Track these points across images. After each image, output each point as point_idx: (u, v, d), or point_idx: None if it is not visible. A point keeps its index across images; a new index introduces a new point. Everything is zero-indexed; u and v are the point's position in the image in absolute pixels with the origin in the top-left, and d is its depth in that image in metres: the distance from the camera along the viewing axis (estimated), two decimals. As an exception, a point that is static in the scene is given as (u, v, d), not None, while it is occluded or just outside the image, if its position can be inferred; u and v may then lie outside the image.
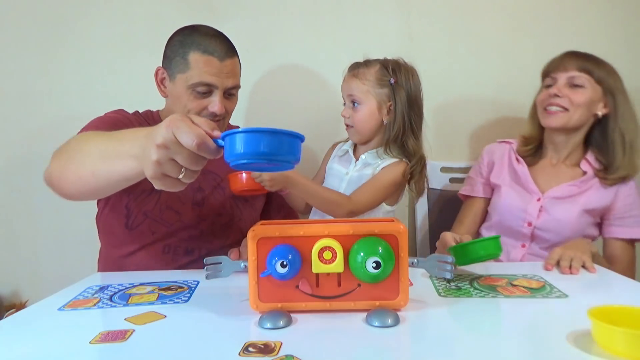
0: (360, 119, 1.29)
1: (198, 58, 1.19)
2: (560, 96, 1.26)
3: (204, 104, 1.22)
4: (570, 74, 1.26)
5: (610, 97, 1.27)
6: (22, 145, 1.76)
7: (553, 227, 1.28)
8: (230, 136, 0.69)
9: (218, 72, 1.21)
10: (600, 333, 0.68)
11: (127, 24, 1.71)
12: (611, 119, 1.28)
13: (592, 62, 1.27)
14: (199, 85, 1.20)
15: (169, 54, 1.23)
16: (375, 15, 1.71)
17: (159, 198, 1.23)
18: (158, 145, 0.69)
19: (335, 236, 0.81)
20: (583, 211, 1.28)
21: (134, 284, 1.06)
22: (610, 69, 1.29)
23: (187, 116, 0.72)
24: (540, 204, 1.30)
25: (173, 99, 1.25)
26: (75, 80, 1.74)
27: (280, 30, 1.72)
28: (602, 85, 1.26)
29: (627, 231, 1.29)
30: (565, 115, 1.26)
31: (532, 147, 1.38)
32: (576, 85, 1.25)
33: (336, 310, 0.84)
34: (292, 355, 0.68)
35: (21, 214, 1.77)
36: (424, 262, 0.89)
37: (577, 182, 1.30)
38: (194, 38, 1.21)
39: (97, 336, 0.77)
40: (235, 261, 0.88)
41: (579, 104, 1.25)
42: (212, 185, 1.29)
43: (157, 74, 1.27)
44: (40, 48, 1.73)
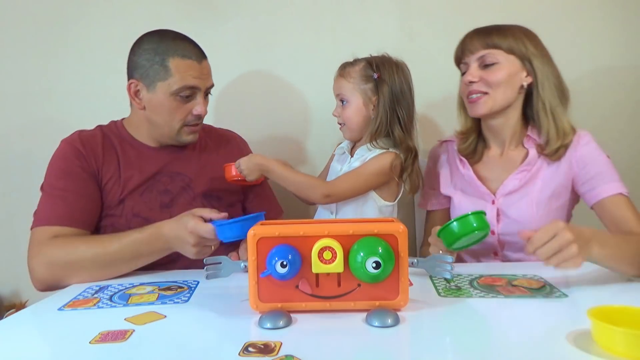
0: (348, 115, 1.31)
1: (179, 63, 1.18)
2: (476, 81, 1.16)
3: (188, 108, 1.22)
4: (478, 54, 1.16)
5: (528, 63, 1.16)
6: (22, 145, 1.76)
7: (514, 229, 1.16)
8: (219, 227, 0.99)
9: (199, 74, 1.21)
10: (600, 333, 0.68)
11: (127, 24, 1.71)
12: (534, 88, 1.17)
13: (497, 33, 1.16)
14: (184, 90, 1.19)
15: (143, 63, 1.19)
16: (375, 15, 1.71)
17: (122, 209, 1.22)
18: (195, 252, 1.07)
19: (335, 236, 0.81)
20: (542, 200, 1.18)
21: (134, 284, 1.06)
22: (519, 33, 1.17)
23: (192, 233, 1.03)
24: (497, 207, 1.21)
25: (153, 109, 1.22)
26: (75, 80, 1.74)
27: (280, 30, 1.72)
28: (516, 54, 1.15)
29: (600, 191, 1.14)
30: (487, 98, 1.16)
31: (472, 142, 1.27)
32: (488, 64, 1.15)
33: (336, 310, 0.84)
34: (292, 355, 0.68)
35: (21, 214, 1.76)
36: (424, 262, 0.89)
37: (523, 167, 1.19)
38: (167, 44, 1.19)
39: (97, 336, 0.77)
40: (235, 261, 0.89)
41: (497, 83, 1.14)
42: (179, 186, 1.27)
43: (129, 87, 1.23)
44: (40, 48, 1.73)
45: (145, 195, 1.24)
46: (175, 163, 1.29)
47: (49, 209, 1.16)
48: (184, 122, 1.24)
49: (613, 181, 1.14)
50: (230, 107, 1.74)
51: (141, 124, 1.27)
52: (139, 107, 1.23)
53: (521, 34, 1.17)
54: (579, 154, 1.17)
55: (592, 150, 1.17)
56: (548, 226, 0.86)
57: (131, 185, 1.23)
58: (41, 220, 1.15)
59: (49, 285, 1.11)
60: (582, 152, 1.17)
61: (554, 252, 0.84)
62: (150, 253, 1.12)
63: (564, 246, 0.84)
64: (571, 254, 0.83)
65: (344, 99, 1.31)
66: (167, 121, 1.23)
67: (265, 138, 1.72)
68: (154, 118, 1.24)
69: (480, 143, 1.28)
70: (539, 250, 0.85)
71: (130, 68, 1.23)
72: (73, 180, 1.19)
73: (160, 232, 1.10)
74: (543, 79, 1.16)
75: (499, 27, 1.19)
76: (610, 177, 1.15)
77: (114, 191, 1.22)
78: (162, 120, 1.23)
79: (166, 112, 1.22)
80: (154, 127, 1.26)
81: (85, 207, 1.18)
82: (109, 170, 1.23)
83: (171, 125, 1.23)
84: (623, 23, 1.67)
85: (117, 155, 1.25)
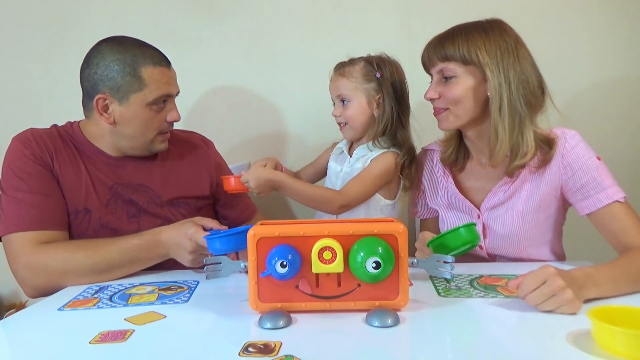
0: (351, 115, 1.30)
1: (152, 71, 1.14)
2: (436, 98, 1.10)
3: (163, 116, 1.19)
4: (437, 68, 1.08)
5: (485, 71, 1.04)
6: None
7: (502, 244, 1.14)
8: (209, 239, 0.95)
9: (171, 80, 1.19)
10: (600, 333, 0.68)
11: (127, 24, 1.71)
12: (490, 101, 1.06)
13: (451, 42, 1.06)
14: (161, 99, 1.16)
15: (112, 75, 1.13)
16: (375, 15, 1.71)
17: (89, 220, 1.17)
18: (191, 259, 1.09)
19: (335, 236, 0.81)
20: (528, 212, 1.11)
21: (133, 284, 1.06)
22: (477, 36, 1.05)
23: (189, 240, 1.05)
24: (482, 222, 1.16)
25: (126, 122, 1.16)
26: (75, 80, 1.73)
27: (280, 30, 1.72)
28: (473, 65, 1.05)
29: (594, 201, 1.05)
30: (449, 114, 1.09)
31: (452, 150, 1.20)
32: (447, 77, 1.07)
33: (336, 310, 0.84)
34: (292, 355, 0.68)
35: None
36: (424, 262, 0.89)
37: (505, 179, 1.12)
38: (134, 52, 1.14)
39: (97, 336, 0.77)
40: (235, 261, 0.89)
41: (455, 99, 1.06)
42: (144, 197, 1.24)
43: (97, 104, 1.15)
44: (40, 48, 1.73)
45: (111, 205, 1.20)
46: (137, 174, 1.24)
47: (18, 214, 1.10)
48: (159, 130, 1.21)
49: (606, 188, 1.05)
50: (230, 107, 1.75)
51: (104, 135, 1.21)
52: (108, 122, 1.17)
53: (479, 37, 1.06)
54: (566, 160, 1.07)
55: (581, 154, 1.07)
56: (537, 272, 0.83)
57: (94, 194, 1.18)
58: (13, 226, 1.09)
59: (43, 293, 1.09)
60: (570, 158, 1.07)
61: (545, 297, 0.81)
62: (148, 259, 1.12)
63: (557, 291, 0.80)
64: (567, 299, 0.80)
65: (344, 99, 1.30)
66: (142, 132, 1.19)
67: (265, 138, 1.72)
68: (125, 131, 1.18)
69: (463, 151, 1.21)
70: (529, 296, 0.82)
71: (94, 82, 1.15)
72: (35, 180, 1.13)
73: (158, 239, 1.10)
74: (494, 93, 1.04)
75: (453, 35, 1.08)
76: (602, 184, 1.05)
77: (76, 198, 1.17)
78: (135, 132, 1.18)
79: (141, 124, 1.17)
80: (123, 139, 1.20)
81: (54, 206, 1.13)
82: (67, 174, 1.17)
83: (145, 136, 1.19)
84: (623, 23, 1.67)
85: (76, 161, 1.20)
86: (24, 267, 1.08)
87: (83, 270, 1.07)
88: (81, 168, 1.19)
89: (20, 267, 1.09)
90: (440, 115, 1.12)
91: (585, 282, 0.85)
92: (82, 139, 1.23)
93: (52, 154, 1.17)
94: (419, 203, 1.35)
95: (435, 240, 0.97)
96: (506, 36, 1.07)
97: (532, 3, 1.68)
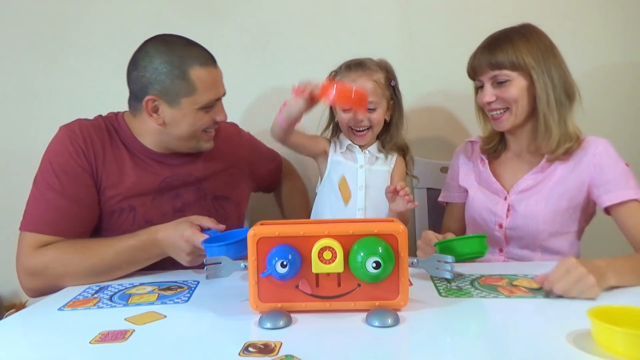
0: (378, 120, 1.33)
1: (200, 73, 1.13)
2: (493, 100, 1.19)
3: (211, 116, 1.19)
4: (488, 75, 1.19)
5: (531, 74, 1.17)
6: (22, 145, 1.76)
7: (522, 224, 1.21)
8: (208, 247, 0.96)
9: (219, 81, 1.18)
10: (600, 333, 0.68)
11: (127, 24, 1.71)
12: (537, 99, 1.18)
13: (499, 50, 1.17)
14: (211, 103, 1.16)
15: (161, 79, 1.11)
16: (375, 14, 1.70)
17: (134, 216, 1.17)
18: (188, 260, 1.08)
19: (335, 236, 0.81)
20: (552, 197, 1.19)
21: (134, 284, 1.06)
22: (519, 42, 1.17)
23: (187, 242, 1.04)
24: (508, 203, 1.24)
25: (175, 123, 1.16)
26: (75, 80, 1.74)
27: (280, 30, 1.72)
28: (522, 70, 1.17)
29: (614, 196, 1.14)
30: (509, 115, 1.20)
31: (495, 144, 1.31)
32: (501, 82, 1.18)
33: (336, 310, 0.84)
34: (292, 355, 0.68)
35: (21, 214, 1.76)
36: (424, 262, 0.89)
37: (539, 168, 1.22)
38: (180, 53, 1.12)
39: (97, 336, 0.77)
40: (235, 261, 0.89)
41: (513, 99, 1.17)
42: (190, 190, 1.25)
43: (147, 106, 1.14)
44: (40, 49, 1.73)
45: (157, 200, 1.20)
46: (183, 168, 1.25)
47: (40, 215, 1.11)
48: (205, 130, 1.21)
49: (629, 188, 1.14)
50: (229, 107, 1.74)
51: (150, 133, 1.20)
52: (157, 122, 1.16)
53: (522, 43, 1.17)
54: (597, 159, 1.17)
55: (611, 157, 1.18)
56: (559, 264, 0.91)
57: (140, 190, 1.19)
58: (30, 225, 1.11)
59: (41, 293, 1.10)
60: (601, 158, 1.17)
61: (571, 284, 0.88)
62: (146, 259, 1.11)
63: (580, 277, 0.87)
64: (589, 284, 0.87)
65: (371, 105, 1.30)
66: (190, 132, 1.18)
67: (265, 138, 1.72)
68: (174, 132, 1.18)
69: (502, 144, 1.32)
70: (557, 286, 0.88)
71: (143, 85, 1.13)
72: (69, 181, 1.12)
73: (155, 238, 1.08)
74: (542, 92, 1.16)
75: (498, 42, 1.19)
76: (626, 184, 1.14)
77: (119, 195, 1.17)
78: (183, 132, 1.18)
79: (190, 125, 1.17)
80: (171, 139, 1.20)
81: (78, 214, 1.13)
82: (112, 170, 1.17)
83: (193, 136, 1.19)
84: (622, 23, 1.67)
85: (122, 157, 1.20)
86: (22, 269, 1.10)
87: (81, 273, 1.07)
88: (127, 164, 1.19)
89: (19, 267, 1.10)
90: (502, 117, 1.21)
91: (607, 271, 0.91)
92: (128, 134, 1.22)
93: (98, 150, 1.17)
94: (451, 185, 1.42)
95: (444, 242, 1.02)
96: (543, 38, 1.20)
97: (532, 3, 1.68)
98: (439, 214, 1.58)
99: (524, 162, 1.27)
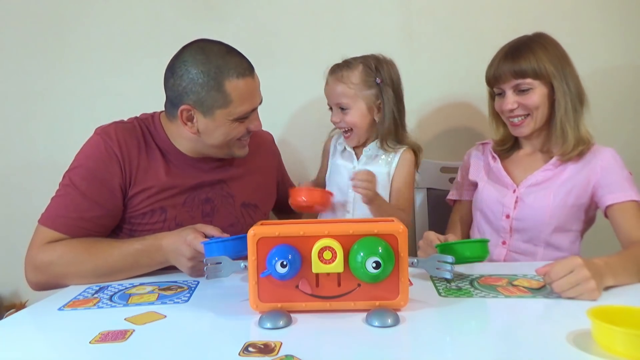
0: (352, 122, 1.29)
1: (236, 85, 1.11)
2: (515, 108, 1.23)
3: (246, 125, 1.18)
4: (511, 83, 1.22)
5: (552, 82, 1.22)
6: (22, 145, 1.76)
7: (529, 215, 1.25)
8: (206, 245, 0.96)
9: (255, 91, 1.17)
10: (600, 333, 0.68)
11: (127, 24, 1.71)
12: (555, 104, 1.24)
13: (522, 59, 1.21)
14: (247, 114, 1.15)
15: (196, 89, 1.10)
16: (375, 14, 1.70)
17: (165, 218, 1.18)
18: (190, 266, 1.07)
19: (335, 236, 0.81)
20: (560, 192, 1.23)
21: (134, 284, 1.06)
22: (540, 51, 1.22)
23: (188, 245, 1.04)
24: (516, 195, 1.28)
25: (209, 133, 1.16)
26: (75, 80, 1.74)
27: (280, 30, 1.72)
28: (543, 79, 1.21)
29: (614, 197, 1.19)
30: (530, 120, 1.24)
31: (508, 146, 1.36)
32: (523, 90, 1.22)
33: (336, 310, 0.84)
34: (292, 355, 0.68)
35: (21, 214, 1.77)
36: (424, 262, 0.89)
37: (549, 166, 1.27)
38: (218, 63, 1.11)
39: (97, 336, 0.77)
40: (235, 261, 0.89)
41: (535, 106, 1.22)
42: (220, 195, 1.26)
43: (181, 114, 1.14)
44: (40, 48, 1.73)
45: (188, 205, 1.21)
46: (215, 172, 1.26)
47: (61, 210, 1.12)
48: (239, 138, 1.20)
49: (630, 191, 1.18)
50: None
51: (185, 139, 1.20)
52: (192, 131, 1.16)
53: (542, 52, 1.21)
54: (604, 163, 1.22)
55: (617, 163, 1.23)
56: (565, 261, 0.90)
57: (172, 192, 1.19)
58: (49, 220, 1.11)
59: (43, 288, 1.11)
60: (608, 162, 1.22)
61: (571, 285, 0.88)
62: (149, 264, 1.11)
63: (582, 280, 0.88)
64: (590, 289, 0.87)
65: (343, 107, 1.29)
66: (224, 141, 1.18)
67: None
68: (208, 141, 1.17)
69: (515, 146, 1.36)
70: (556, 283, 0.89)
71: (179, 93, 1.13)
72: (96, 186, 1.13)
73: (159, 244, 1.09)
74: (560, 97, 1.22)
75: (520, 51, 1.22)
76: (629, 188, 1.19)
77: (151, 197, 1.17)
78: (217, 142, 1.17)
79: (224, 134, 1.16)
80: (204, 146, 1.20)
81: (96, 218, 1.13)
82: (147, 174, 1.18)
83: (227, 144, 1.19)
84: (622, 24, 1.67)
85: (157, 160, 1.20)
86: (29, 261, 1.10)
87: (84, 272, 1.08)
88: (161, 167, 1.19)
89: (27, 259, 1.11)
90: (522, 123, 1.25)
91: (605, 272, 0.92)
92: (163, 137, 1.22)
93: (133, 155, 1.17)
94: (460, 183, 1.44)
95: (445, 244, 1.03)
96: (559, 47, 1.25)
97: (532, 4, 1.68)
98: (439, 214, 1.58)
99: (535, 160, 1.31)
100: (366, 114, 1.29)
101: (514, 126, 1.27)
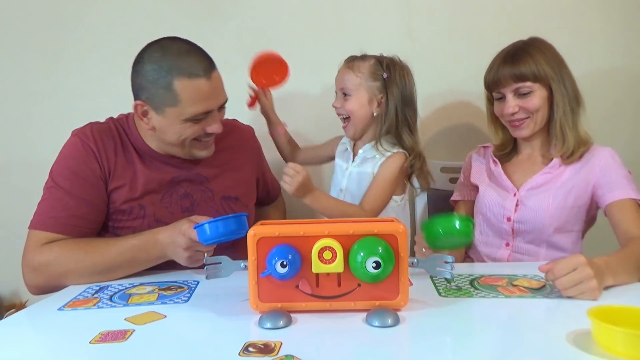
0: (350, 108, 1.30)
1: (185, 85, 1.09)
2: (517, 111, 1.24)
3: (202, 127, 1.16)
4: (511, 87, 1.24)
5: (551, 84, 1.24)
6: (22, 145, 1.76)
7: (530, 218, 1.25)
8: (199, 227, 0.92)
9: (209, 94, 1.13)
10: (600, 333, 0.68)
11: (127, 24, 1.71)
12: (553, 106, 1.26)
13: (522, 64, 1.22)
14: (199, 116, 1.13)
15: (147, 86, 1.11)
16: (375, 14, 1.70)
17: (144, 214, 1.18)
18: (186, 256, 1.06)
19: (335, 236, 0.81)
20: (560, 194, 1.24)
21: (134, 284, 1.06)
22: (537, 54, 1.23)
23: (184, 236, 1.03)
24: (517, 199, 1.28)
25: (163, 130, 1.15)
26: (75, 80, 1.74)
27: (280, 30, 1.72)
28: (543, 82, 1.23)
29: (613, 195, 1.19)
30: (530, 122, 1.25)
31: (508, 150, 1.37)
32: (523, 93, 1.23)
33: (336, 310, 0.84)
34: (292, 355, 0.68)
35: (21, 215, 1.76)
36: (424, 262, 0.89)
37: (549, 168, 1.28)
38: (170, 61, 1.09)
39: (97, 336, 0.77)
40: (235, 261, 0.89)
41: (536, 108, 1.23)
42: (200, 190, 1.26)
43: (136, 109, 1.14)
44: (40, 48, 1.73)
45: (166, 200, 1.21)
46: (190, 166, 1.25)
47: (49, 211, 1.13)
48: (196, 138, 1.19)
49: (629, 189, 1.19)
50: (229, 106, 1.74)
51: (150, 137, 1.21)
52: (148, 127, 1.16)
53: (540, 56, 1.23)
54: (603, 163, 1.23)
55: (616, 162, 1.24)
56: (568, 259, 0.90)
57: (148, 189, 1.19)
58: (39, 223, 1.12)
59: (43, 291, 1.11)
60: (606, 161, 1.23)
61: (573, 284, 0.88)
62: (147, 260, 1.11)
63: (584, 279, 0.88)
64: (591, 288, 0.88)
65: (346, 92, 1.30)
66: (180, 141, 1.17)
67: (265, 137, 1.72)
68: (164, 137, 1.17)
69: (514, 149, 1.38)
70: (559, 281, 0.89)
71: (135, 88, 1.14)
72: (80, 183, 1.14)
73: (156, 238, 1.09)
74: (558, 99, 1.23)
75: (519, 55, 1.23)
76: (628, 186, 1.19)
77: (129, 195, 1.18)
78: (173, 140, 1.17)
79: (178, 134, 1.15)
80: (165, 144, 1.20)
81: (85, 214, 1.14)
82: (124, 172, 1.18)
83: (183, 144, 1.18)
84: (621, 24, 1.67)
85: (132, 158, 1.21)
86: (26, 265, 1.11)
87: (82, 271, 1.08)
88: (137, 165, 1.20)
89: (24, 263, 1.11)
90: (523, 124, 1.26)
91: (605, 272, 0.93)
92: (136, 135, 1.22)
93: (110, 153, 1.18)
94: (462, 184, 1.46)
95: (430, 220, 0.98)
96: (554, 50, 1.27)
97: (531, 5, 1.68)
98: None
99: (534, 163, 1.32)
100: (365, 105, 1.30)
101: (514, 127, 1.28)
